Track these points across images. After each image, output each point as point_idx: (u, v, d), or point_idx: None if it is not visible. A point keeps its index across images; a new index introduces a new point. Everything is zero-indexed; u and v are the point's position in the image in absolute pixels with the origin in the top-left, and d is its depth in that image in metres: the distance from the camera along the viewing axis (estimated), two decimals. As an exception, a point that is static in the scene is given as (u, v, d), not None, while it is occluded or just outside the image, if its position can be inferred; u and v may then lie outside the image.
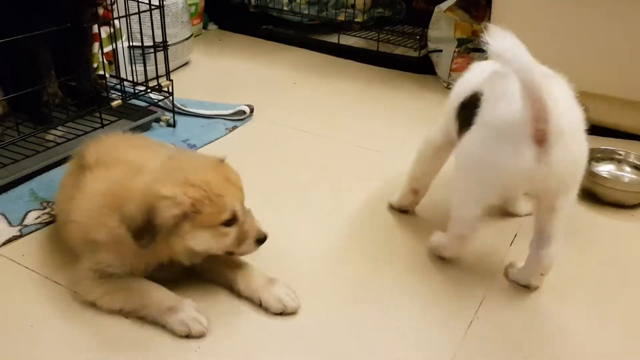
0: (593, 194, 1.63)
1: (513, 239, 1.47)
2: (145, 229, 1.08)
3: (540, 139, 1.08)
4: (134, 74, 1.98)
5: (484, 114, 1.16)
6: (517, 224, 1.53)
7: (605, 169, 1.73)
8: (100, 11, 2.06)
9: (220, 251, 1.18)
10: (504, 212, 1.57)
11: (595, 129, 1.97)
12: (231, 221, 1.14)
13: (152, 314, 1.14)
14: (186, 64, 2.64)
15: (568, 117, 1.12)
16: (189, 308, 1.14)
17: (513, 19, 2.06)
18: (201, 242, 1.13)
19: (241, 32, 3.16)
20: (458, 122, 1.29)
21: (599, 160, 1.74)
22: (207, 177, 1.12)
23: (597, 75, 1.95)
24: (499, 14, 2.10)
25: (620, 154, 1.75)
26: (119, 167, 1.26)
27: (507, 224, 1.54)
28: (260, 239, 1.19)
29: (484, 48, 1.08)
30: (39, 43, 1.67)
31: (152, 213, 1.07)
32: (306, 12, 3.01)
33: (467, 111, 1.21)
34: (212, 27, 3.21)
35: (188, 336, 1.12)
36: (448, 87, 2.49)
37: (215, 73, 2.60)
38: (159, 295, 1.16)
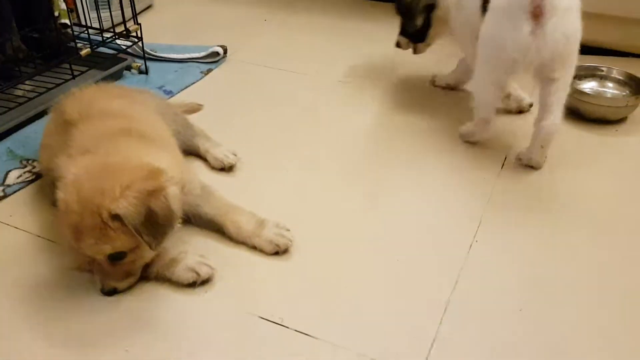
0: (577, 112, 1.64)
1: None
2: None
3: (537, 13, 1.25)
4: (100, 20, 1.88)
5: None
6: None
7: (588, 85, 1.74)
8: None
9: None
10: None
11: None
12: None
13: (154, 270, 1.12)
14: (149, 7, 2.51)
15: None
16: (192, 255, 1.13)
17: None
18: None
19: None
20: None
21: (582, 77, 1.74)
22: (75, 201, 1.01)
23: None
24: None
25: (602, 70, 1.76)
26: (107, 119, 1.22)
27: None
28: (103, 290, 1.09)
29: None
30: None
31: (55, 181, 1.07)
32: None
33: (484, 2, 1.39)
34: (171, -34, 3.05)
35: (195, 282, 1.11)
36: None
37: (181, 15, 2.49)
38: (159, 253, 1.12)
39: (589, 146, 1.57)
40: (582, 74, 1.74)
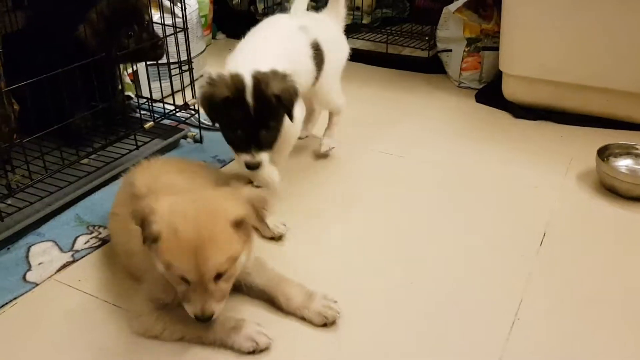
0: (613, 190, 1.69)
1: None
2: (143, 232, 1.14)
3: None
4: (161, 92, 2.03)
5: None
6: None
7: (623, 163, 1.80)
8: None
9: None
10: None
11: (608, 122, 2.08)
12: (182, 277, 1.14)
13: (216, 337, 1.20)
14: (201, 76, 2.68)
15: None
16: (251, 324, 1.21)
17: (522, 18, 2.13)
18: (160, 267, 1.16)
19: (249, 40, 3.20)
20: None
21: (617, 155, 1.80)
22: (184, 226, 1.10)
23: (609, 70, 2.02)
24: (508, 13, 2.16)
25: (637, 148, 1.82)
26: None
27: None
28: (197, 316, 1.15)
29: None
30: (75, 74, 1.72)
31: (145, 221, 1.13)
32: (313, 16, 3.05)
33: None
34: (220, 36, 3.26)
35: (254, 351, 1.18)
36: (459, 86, 2.55)
37: (230, 83, 2.65)
38: (218, 320, 1.21)
39: (625, 224, 1.62)
40: (618, 151, 1.81)
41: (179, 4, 2.02)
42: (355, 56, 2.84)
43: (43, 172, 1.62)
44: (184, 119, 2.07)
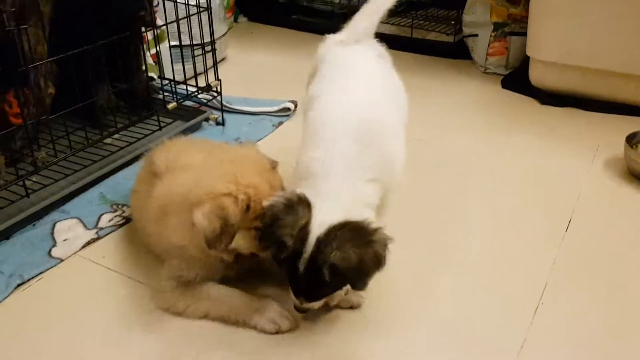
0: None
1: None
2: (222, 232, 1.11)
3: None
4: (184, 73, 2.03)
5: None
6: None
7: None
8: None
9: (247, 251, 1.21)
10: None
11: (636, 110, 2.04)
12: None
13: (240, 317, 1.20)
14: (223, 59, 2.69)
15: None
16: (275, 306, 1.21)
17: (551, 2, 2.09)
18: (246, 242, 1.17)
19: (271, 24, 3.19)
20: None
21: (644, 142, 1.77)
22: (254, 180, 1.14)
23: (638, 56, 1.98)
24: (536, -3, 2.12)
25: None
26: (186, 173, 1.32)
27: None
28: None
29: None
30: (100, 52, 1.73)
31: (224, 213, 1.10)
32: (337, 0, 3.03)
33: None
34: (242, 19, 3.25)
35: (277, 332, 1.19)
36: (485, 71, 2.51)
37: (251, 67, 2.65)
38: (242, 299, 1.22)
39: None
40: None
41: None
42: (379, 41, 2.84)
43: (68, 151, 1.64)
44: (206, 101, 2.07)
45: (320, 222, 1.06)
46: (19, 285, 1.33)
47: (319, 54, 1.46)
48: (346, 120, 1.18)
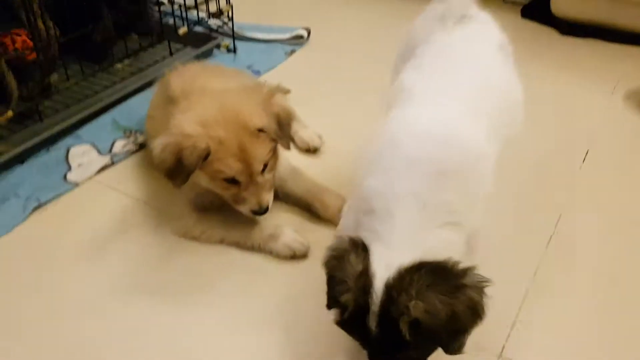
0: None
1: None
2: (176, 168, 1.12)
3: None
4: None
5: None
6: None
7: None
8: None
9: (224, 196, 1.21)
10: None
11: None
12: (231, 181, 1.16)
13: (254, 243, 1.22)
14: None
15: None
16: (289, 232, 1.22)
17: None
18: (204, 182, 1.18)
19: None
20: None
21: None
22: (224, 134, 1.12)
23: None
24: None
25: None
26: (202, 97, 1.30)
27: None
28: (255, 211, 1.19)
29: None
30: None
31: (179, 153, 1.10)
32: None
33: None
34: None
35: (293, 257, 1.20)
36: (505, 1, 2.43)
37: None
38: (257, 226, 1.23)
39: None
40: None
41: None
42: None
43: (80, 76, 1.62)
44: (216, 27, 2.02)
45: (387, 263, 0.81)
46: (35, 208, 1.35)
47: (416, 32, 1.19)
48: (424, 144, 0.90)
